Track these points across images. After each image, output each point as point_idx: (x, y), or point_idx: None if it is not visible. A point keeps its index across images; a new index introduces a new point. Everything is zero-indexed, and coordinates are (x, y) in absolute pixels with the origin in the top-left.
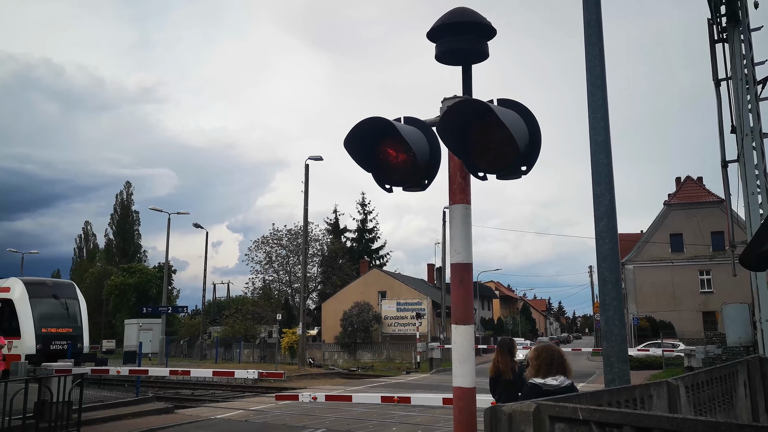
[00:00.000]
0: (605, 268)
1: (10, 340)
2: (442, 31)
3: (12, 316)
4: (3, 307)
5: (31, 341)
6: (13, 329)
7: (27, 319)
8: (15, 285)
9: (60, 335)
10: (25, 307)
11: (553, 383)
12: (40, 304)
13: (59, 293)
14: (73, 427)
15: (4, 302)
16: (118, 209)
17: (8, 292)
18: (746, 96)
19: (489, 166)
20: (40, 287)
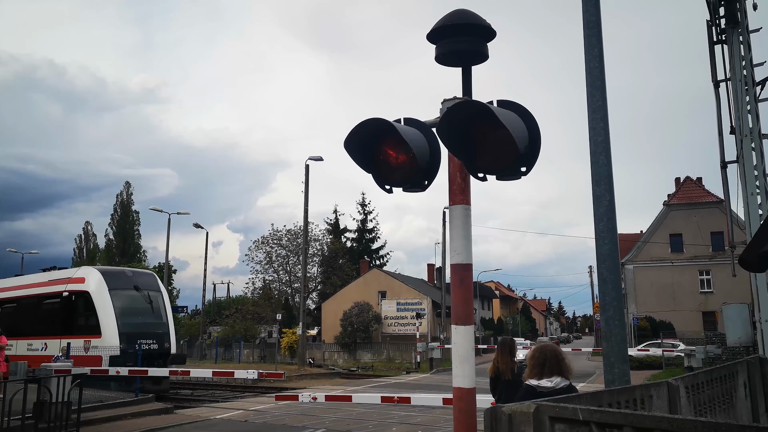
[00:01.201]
0: (605, 269)
1: (88, 338)
2: (442, 32)
3: (89, 311)
4: (76, 301)
5: (113, 340)
6: (90, 326)
7: (108, 315)
8: (91, 275)
9: (146, 333)
10: (104, 301)
11: (547, 384)
12: (121, 297)
13: (141, 284)
14: (72, 428)
15: (78, 295)
16: (118, 209)
17: (82, 284)
18: (745, 97)
19: (489, 167)
20: (120, 277)
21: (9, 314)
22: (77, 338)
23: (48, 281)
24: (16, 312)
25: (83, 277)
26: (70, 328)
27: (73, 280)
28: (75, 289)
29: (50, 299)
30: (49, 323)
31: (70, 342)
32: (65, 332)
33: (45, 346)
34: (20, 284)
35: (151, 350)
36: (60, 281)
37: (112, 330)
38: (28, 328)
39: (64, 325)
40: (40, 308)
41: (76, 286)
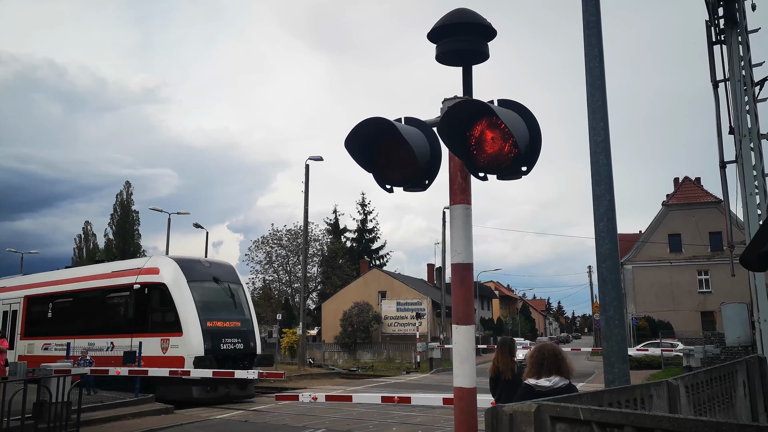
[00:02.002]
0: (605, 268)
1: (165, 337)
2: (442, 31)
3: (165, 305)
4: (150, 294)
5: (197, 339)
6: (167, 323)
7: (188, 310)
8: (165, 265)
9: (230, 331)
10: (183, 294)
11: (545, 384)
12: (201, 290)
13: (220, 275)
14: (72, 428)
15: (152, 288)
16: (118, 209)
17: (156, 275)
18: (744, 97)
19: (489, 166)
20: (197, 267)
21: (62, 310)
22: (152, 336)
23: (112, 272)
24: (72, 307)
25: (157, 267)
26: (142, 325)
27: (145, 271)
28: (147, 280)
29: (116, 292)
30: (115, 320)
31: (142, 341)
32: (137, 330)
33: (111, 345)
34: (76, 276)
35: (236, 350)
36: (128, 272)
37: (194, 327)
38: (88, 326)
39: (135, 321)
40: (104, 303)
41: (149, 277)
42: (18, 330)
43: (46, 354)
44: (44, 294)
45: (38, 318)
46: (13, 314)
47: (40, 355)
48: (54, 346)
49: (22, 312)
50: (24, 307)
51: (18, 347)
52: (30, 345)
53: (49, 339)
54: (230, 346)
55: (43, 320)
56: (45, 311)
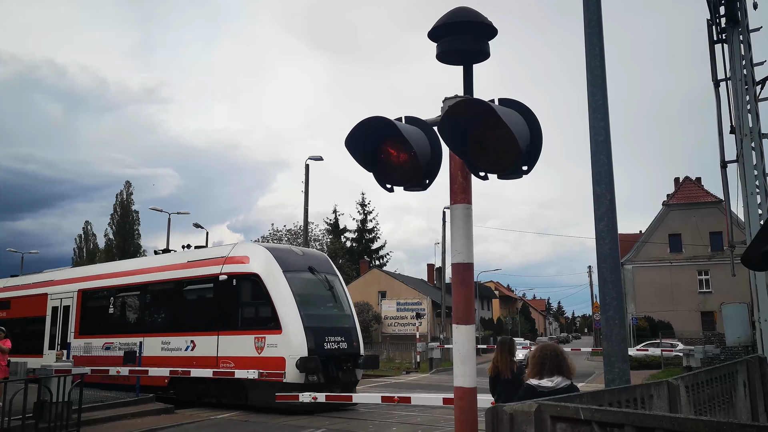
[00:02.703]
0: (605, 268)
1: (260, 335)
2: (443, 30)
3: (259, 298)
4: (239, 286)
5: (299, 338)
6: (262, 319)
7: (287, 304)
8: (256, 253)
9: (333, 328)
10: (280, 286)
11: (548, 384)
12: (298, 282)
13: (316, 266)
14: (72, 428)
15: (242, 279)
16: (118, 209)
17: (246, 264)
18: (745, 96)
19: (490, 165)
20: (291, 257)
21: (128, 305)
22: (243, 334)
23: (188, 263)
24: (141, 302)
25: (246, 255)
26: (230, 322)
27: (231, 260)
28: (235, 270)
29: (196, 284)
30: (196, 315)
31: (229, 339)
32: (224, 326)
33: (192, 344)
34: (144, 267)
35: (340, 350)
36: (209, 262)
37: (295, 324)
38: (162, 322)
39: (221, 317)
40: (182, 297)
41: (237, 267)
42: (71, 328)
43: (109, 354)
44: (105, 287)
45: (97, 314)
46: (65, 310)
47: (102, 356)
48: (118, 345)
49: (76, 307)
50: (78, 302)
51: (72, 347)
52: (87, 344)
53: (113, 337)
54: (334, 345)
55: (103, 316)
56: (106, 306)
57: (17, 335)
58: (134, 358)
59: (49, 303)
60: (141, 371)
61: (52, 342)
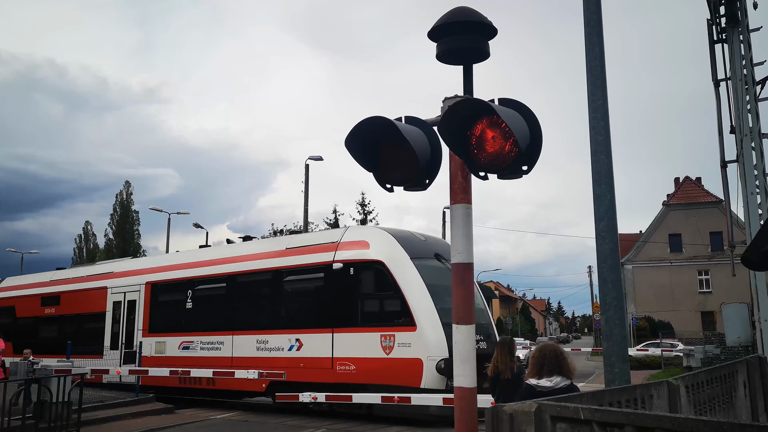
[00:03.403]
0: (605, 268)
1: (388, 332)
2: (443, 30)
3: (386, 289)
4: (358, 275)
5: (436, 336)
6: (390, 314)
7: (420, 296)
8: (378, 237)
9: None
10: (409, 275)
11: (547, 384)
12: (427, 271)
13: (442, 253)
14: (72, 428)
15: (362, 267)
16: (117, 209)
17: (367, 250)
18: (745, 96)
19: (490, 165)
20: (415, 242)
21: (212, 299)
22: (365, 331)
23: (290, 249)
24: (228, 295)
25: (365, 240)
26: (348, 317)
27: (346, 246)
28: (353, 257)
29: (301, 274)
30: (303, 309)
31: (347, 337)
32: (339, 322)
33: (298, 343)
34: (231, 256)
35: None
36: (318, 248)
37: (431, 320)
38: (257, 318)
39: (335, 311)
40: (282, 288)
41: (355, 253)
42: (139, 325)
43: (187, 354)
44: (181, 279)
45: (172, 309)
46: (130, 305)
47: (179, 356)
48: (200, 345)
49: (144, 302)
50: (147, 295)
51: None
52: (159, 343)
53: (192, 335)
54: None
55: (179, 312)
56: (182, 301)
57: (69, 334)
58: (134, 358)
59: (109, 297)
60: (227, 373)
61: (115, 341)
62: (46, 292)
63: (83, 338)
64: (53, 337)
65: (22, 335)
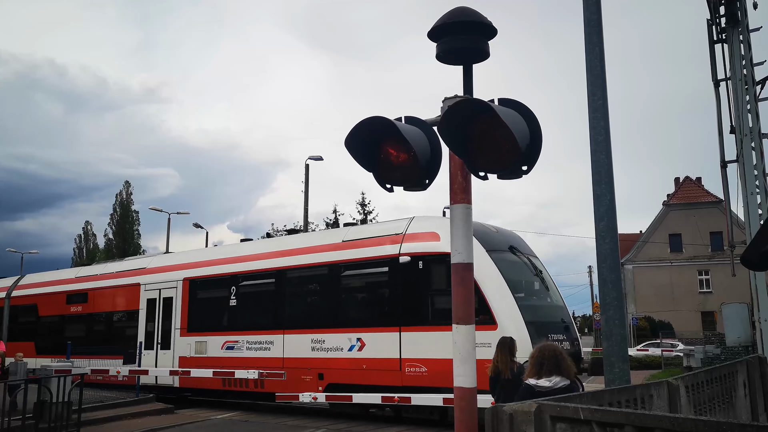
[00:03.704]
0: (605, 268)
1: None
2: (443, 30)
3: None
4: (428, 269)
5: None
6: None
7: (500, 292)
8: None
9: (554, 324)
10: (487, 269)
11: (546, 384)
12: (505, 265)
13: (517, 246)
14: (72, 428)
15: (433, 260)
16: (117, 209)
17: (437, 242)
18: (745, 96)
19: (490, 165)
20: (489, 234)
21: (259, 295)
22: (437, 330)
23: (347, 242)
24: (278, 291)
25: (435, 231)
26: (417, 314)
27: (413, 237)
28: (423, 250)
29: (364, 268)
30: (365, 306)
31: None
32: (408, 320)
33: (359, 342)
34: (281, 249)
35: None
36: (380, 240)
37: (513, 317)
38: (311, 316)
39: (401, 308)
40: (340, 283)
41: (424, 245)
42: (176, 323)
43: (231, 355)
44: (223, 275)
45: (213, 307)
46: (166, 303)
47: (222, 357)
48: (246, 345)
49: (181, 299)
50: (185, 293)
51: (177, 346)
52: (200, 343)
53: (237, 335)
54: None
55: (222, 310)
56: (225, 298)
57: (98, 333)
58: (134, 358)
59: (142, 295)
60: (277, 374)
61: (149, 341)
62: (72, 289)
63: (113, 338)
64: (80, 336)
65: (46, 335)
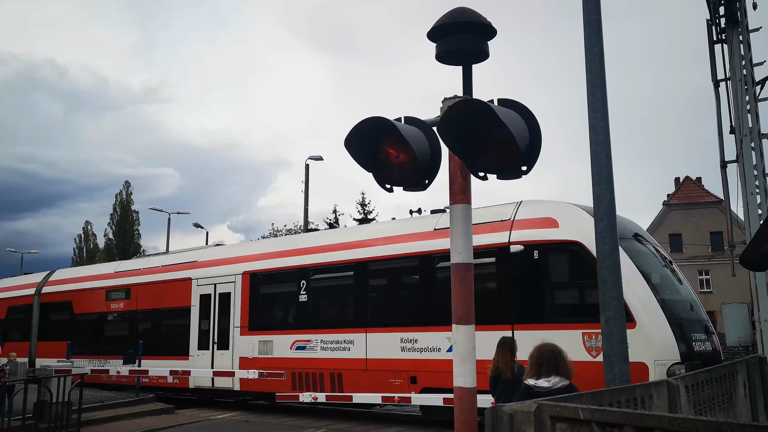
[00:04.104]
0: (605, 269)
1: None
2: (442, 31)
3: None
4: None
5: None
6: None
7: (637, 287)
8: (569, 213)
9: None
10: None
11: (545, 384)
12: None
13: (641, 234)
14: (73, 428)
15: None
16: (117, 209)
17: (556, 228)
18: (745, 97)
19: (490, 165)
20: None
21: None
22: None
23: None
24: (357, 285)
25: (552, 217)
26: (534, 310)
27: (525, 224)
28: (538, 238)
29: None
30: None
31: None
32: (521, 317)
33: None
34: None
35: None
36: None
37: (654, 315)
38: (399, 312)
39: (516, 304)
40: (434, 276)
41: (542, 232)
42: (235, 321)
43: (303, 355)
44: (291, 268)
45: (279, 303)
46: (222, 299)
47: (292, 358)
48: (321, 344)
49: (241, 295)
50: (245, 287)
51: (236, 346)
52: (265, 343)
53: (308, 333)
54: (701, 347)
55: (290, 306)
56: (294, 293)
57: (142, 332)
58: (134, 358)
59: (194, 290)
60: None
61: (204, 340)
62: (112, 284)
63: (160, 337)
64: (122, 336)
65: (82, 335)
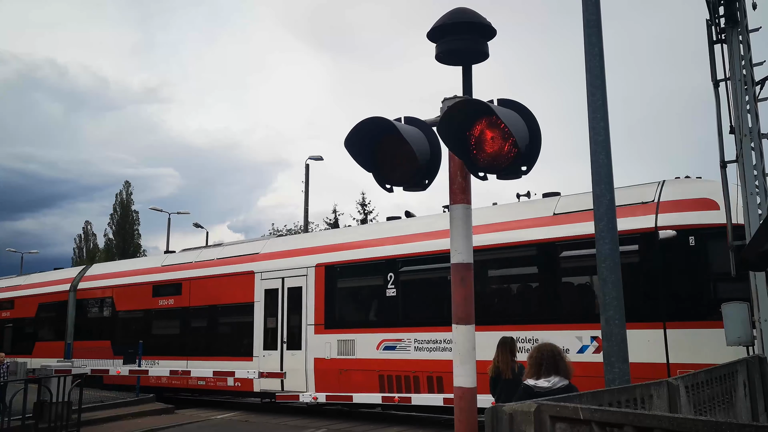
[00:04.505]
0: (605, 269)
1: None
2: (442, 31)
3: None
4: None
5: None
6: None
7: None
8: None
9: None
10: None
11: (544, 384)
12: None
13: None
14: (73, 428)
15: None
16: (117, 209)
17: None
18: (745, 97)
19: (489, 165)
20: None
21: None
22: None
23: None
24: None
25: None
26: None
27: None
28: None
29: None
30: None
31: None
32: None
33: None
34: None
35: None
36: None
37: None
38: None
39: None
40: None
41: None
42: (308, 319)
43: (392, 356)
44: (375, 259)
45: (362, 298)
46: (291, 294)
47: (379, 359)
48: (414, 344)
49: (315, 290)
50: (319, 281)
51: (310, 346)
52: (344, 342)
53: (399, 332)
54: None
55: (374, 302)
56: (380, 287)
57: (195, 331)
58: (134, 358)
59: (257, 284)
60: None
61: (271, 339)
62: (160, 279)
63: (218, 336)
64: (172, 335)
65: (126, 333)
